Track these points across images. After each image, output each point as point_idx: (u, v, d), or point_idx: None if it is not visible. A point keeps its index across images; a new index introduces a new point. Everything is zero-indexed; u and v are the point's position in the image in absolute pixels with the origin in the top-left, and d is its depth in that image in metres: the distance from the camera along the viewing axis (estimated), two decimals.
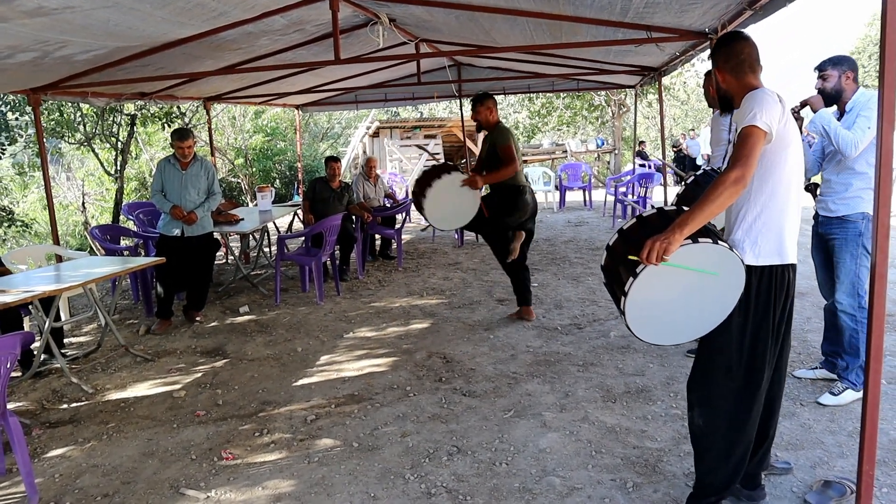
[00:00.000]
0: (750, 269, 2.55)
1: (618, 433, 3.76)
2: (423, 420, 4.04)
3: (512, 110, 24.84)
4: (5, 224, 11.71)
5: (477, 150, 16.78)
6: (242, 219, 7.61)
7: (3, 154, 11.14)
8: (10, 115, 10.60)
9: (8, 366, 3.33)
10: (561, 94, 20.05)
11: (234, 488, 3.40)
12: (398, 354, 5.21)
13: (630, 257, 2.40)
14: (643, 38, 5.29)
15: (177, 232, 6.18)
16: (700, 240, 2.40)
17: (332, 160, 7.83)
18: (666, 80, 13.05)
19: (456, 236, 9.81)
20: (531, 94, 20.03)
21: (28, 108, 10.13)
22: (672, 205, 2.64)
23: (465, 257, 8.77)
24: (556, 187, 13.66)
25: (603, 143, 21.38)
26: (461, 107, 12.69)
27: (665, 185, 8.76)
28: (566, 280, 7.28)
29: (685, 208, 2.46)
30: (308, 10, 5.67)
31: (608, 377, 4.57)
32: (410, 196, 5.49)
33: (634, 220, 2.68)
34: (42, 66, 5.57)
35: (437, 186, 5.31)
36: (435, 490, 3.25)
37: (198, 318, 6.47)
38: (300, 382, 4.76)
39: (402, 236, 8.54)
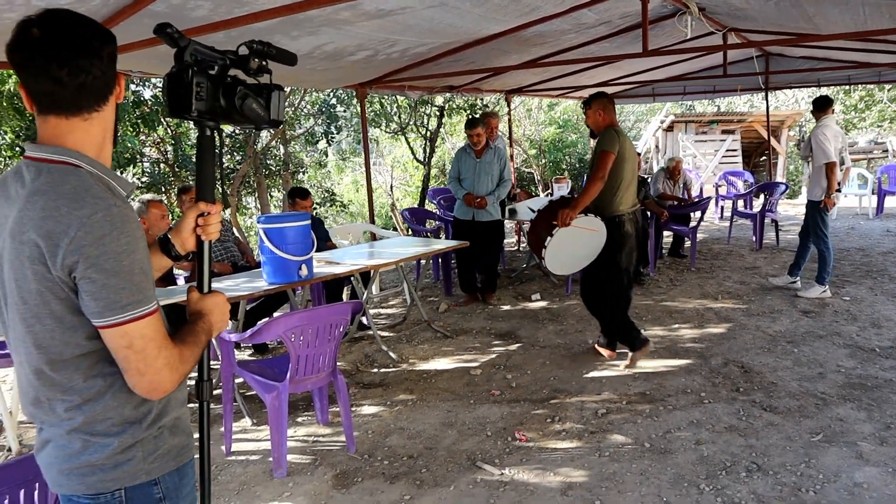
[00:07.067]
0: None
1: None
2: (720, 430, 3.86)
3: None
4: (328, 203, 13.32)
5: (780, 148, 15.56)
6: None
7: (332, 142, 12.64)
8: (338, 108, 11.96)
9: (340, 329, 3.77)
10: (885, 85, 17.78)
11: (527, 469, 3.53)
12: (692, 358, 5.02)
13: None
14: None
15: (469, 217, 6.59)
16: None
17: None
18: None
19: (754, 239, 9.18)
20: (848, 87, 18.04)
21: (354, 101, 11.35)
22: None
23: (763, 261, 8.18)
24: (874, 191, 12.14)
25: None
26: (766, 100, 11.86)
27: None
28: (885, 296, 6.47)
29: None
30: (616, 2, 5.65)
31: None
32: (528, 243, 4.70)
33: None
34: (372, 63, 6.20)
35: (558, 235, 4.59)
36: None
37: (492, 301, 6.79)
38: (591, 374, 4.79)
39: (697, 235, 8.18)
